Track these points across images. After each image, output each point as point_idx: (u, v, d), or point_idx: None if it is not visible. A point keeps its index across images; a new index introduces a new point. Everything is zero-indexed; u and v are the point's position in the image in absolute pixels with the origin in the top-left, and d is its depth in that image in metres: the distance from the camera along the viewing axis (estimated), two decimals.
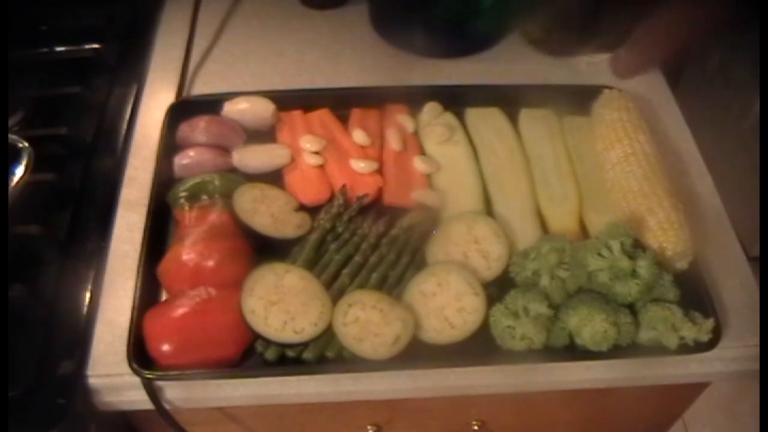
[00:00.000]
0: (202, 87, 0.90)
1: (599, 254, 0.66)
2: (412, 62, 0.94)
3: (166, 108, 0.83)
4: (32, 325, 0.66)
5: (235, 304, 0.65)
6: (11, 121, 0.81)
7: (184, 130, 0.81)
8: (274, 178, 0.78)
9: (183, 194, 0.74)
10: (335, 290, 0.68)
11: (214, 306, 0.66)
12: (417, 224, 0.73)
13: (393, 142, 0.81)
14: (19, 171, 0.69)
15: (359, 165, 0.78)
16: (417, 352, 0.66)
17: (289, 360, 0.65)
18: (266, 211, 0.73)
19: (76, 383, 0.65)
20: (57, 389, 0.63)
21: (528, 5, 0.85)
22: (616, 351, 0.66)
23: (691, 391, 0.83)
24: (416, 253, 0.72)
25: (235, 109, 0.82)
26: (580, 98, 0.85)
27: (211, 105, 0.83)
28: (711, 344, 0.66)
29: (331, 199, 0.76)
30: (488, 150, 0.81)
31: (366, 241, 0.72)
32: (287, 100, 0.84)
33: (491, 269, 0.71)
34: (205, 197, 0.74)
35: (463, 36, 0.94)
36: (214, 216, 0.72)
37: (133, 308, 0.66)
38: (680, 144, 0.86)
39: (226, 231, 0.71)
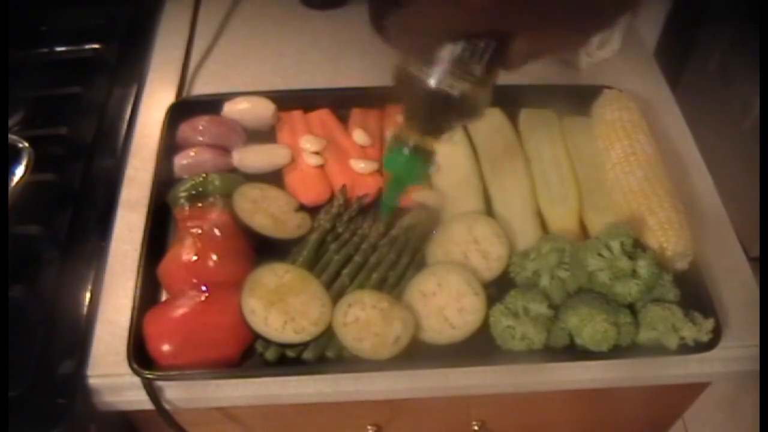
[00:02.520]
0: (202, 87, 0.90)
1: (599, 254, 0.66)
2: None
3: (166, 108, 0.83)
4: (32, 325, 0.66)
5: (235, 304, 0.65)
6: (11, 121, 0.81)
7: (184, 130, 0.81)
8: (274, 178, 0.78)
9: (183, 194, 0.74)
10: (335, 290, 0.68)
11: (214, 306, 0.66)
12: (417, 224, 0.73)
13: None
14: (19, 171, 0.69)
15: (359, 165, 0.78)
16: (417, 352, 0.66)
17: (289, 360, 0.65)
18: (266, 211, 0.73)
19: (76, 383, 0.65)
20: (57, 389, 0.63)
21: None
22: (616, 351, 0.66)
23: (691, 391, 0.83)
24: (416, 253, 0.72)
25: (235, 109, 0.82)
26: (580, 98, 0.85)
27: (211, 105, 0.83)
28: (711, 344, 0.66)
29: (331, 200, 0.76)
30: (488, 150, 0.81)
31: (366, 242, 0.72)
32: (287, 100, 0.84)
33: (491, 269, 0.71)
34: (205, 197, 0.74)
35: None
36: (214, 216, 0.72)
37: (133, 308, 0.66)
38: (680, 144, 0.86)
39: (226, 231, 0.71)
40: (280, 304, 0.65)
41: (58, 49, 0.91)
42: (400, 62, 0.50)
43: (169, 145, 0.80)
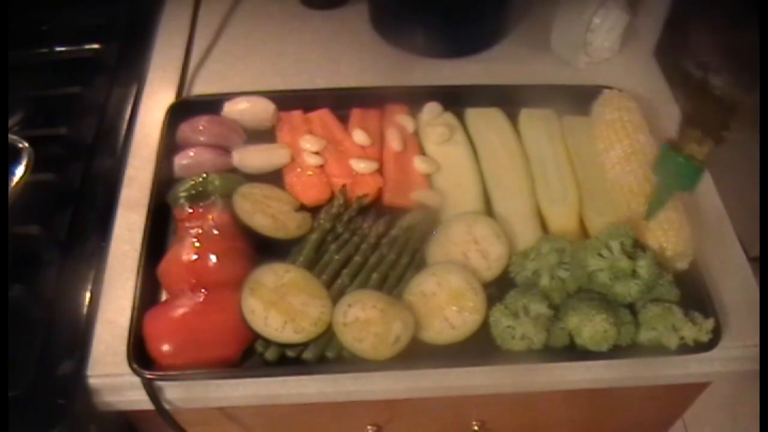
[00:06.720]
0: (202, 87, 0.90)
1: (599, 254, 0.66)
2: (412, 62, 0.94)
3: (166, 108, 0.83)
4: (32, 325, 0.66)
5: (235, 304, 0.66)
6: (11, 121, 0.81)
7: (184, 130, 0.81)
8: (274, 178, 0.78)
9: (183, 194, 0.74)
10: (335, 290, 0.68)
11: (214, 306, 0.66)
12: (417, 224, 0.73)
13: (393, 142, 0.81)
14: (19, 171, 0.69)
15: (359, 165, 0.78)
16: (417, 352, 0.66)
17: (289, 360, 0.65)
18: (266, 211, 0.73)
19: (76, 383, 0.65)
20: (57, 389, 0.63)
21: None
22: (616, 351, 0.66)
23: (691, 391, 0.83)
24: (416, 253, 0.72)
25: (235, 109, 0.82)
26: (580, 98, 0.85)
27: (211, 105, 0.83)
28: (711, 344, 0.66)
29: (331, 200, 0.76)
30: (488, 150, 0.81)
31: (366, 242, 0.72)
32: (287, 100, 0.84)
33: (491, 269, 0.71)
34: (205, 197, 0.74)
35: (463, 36, 0.94)
36: (214, 216, 0.72)
37: (133, 308, 0.66)
38: None
39: (226, 231, 0.71)
40: (280, 304, 0.65)
41: (58, 49, 0.91)
42: (699, 74, 0.58)
43: (169, 145, 0.80)
